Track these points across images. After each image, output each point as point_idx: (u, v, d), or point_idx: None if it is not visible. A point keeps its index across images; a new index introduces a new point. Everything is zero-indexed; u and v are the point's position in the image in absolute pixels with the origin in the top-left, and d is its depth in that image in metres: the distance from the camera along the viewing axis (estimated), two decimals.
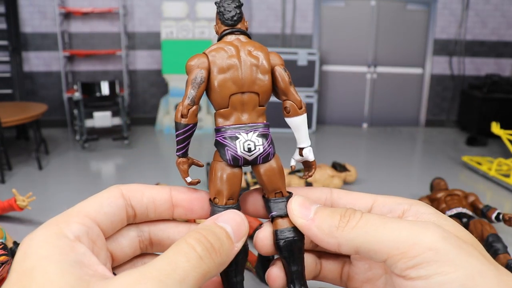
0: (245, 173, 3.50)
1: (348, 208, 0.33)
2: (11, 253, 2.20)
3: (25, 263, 0.26)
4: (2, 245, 2.07)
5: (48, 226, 0.30)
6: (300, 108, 0.46)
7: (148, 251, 0.39)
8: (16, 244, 2.32)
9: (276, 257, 0.42)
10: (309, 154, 0.46)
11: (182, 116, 0.41)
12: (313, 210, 0.34)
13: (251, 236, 2.92)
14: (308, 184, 3.26)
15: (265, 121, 0.45)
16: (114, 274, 0.31)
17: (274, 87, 0.46)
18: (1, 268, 2.01)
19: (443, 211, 2.75)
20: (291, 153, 0.49)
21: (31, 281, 0.25)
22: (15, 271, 0.26)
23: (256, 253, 2.35)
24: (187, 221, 0.41)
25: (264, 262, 2.19)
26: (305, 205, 0.35)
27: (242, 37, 0.44)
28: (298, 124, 0.45)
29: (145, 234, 0.38)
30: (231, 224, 0.30)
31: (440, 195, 2.90)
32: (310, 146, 0.46)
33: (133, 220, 0.37)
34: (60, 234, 0.28)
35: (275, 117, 4.89)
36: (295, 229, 0.40)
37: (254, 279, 2.28)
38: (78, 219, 0.31)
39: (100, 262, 0.30)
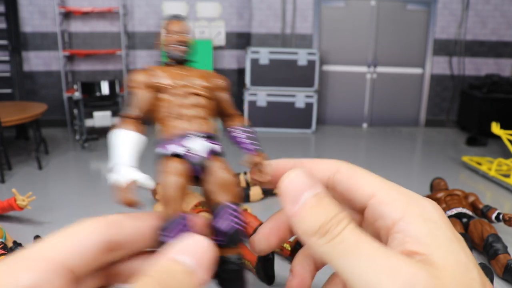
0: (245, 173, 3.50)
1: (338, 213, 0.28)
2: (11, 252, 2.20)
3: None
4: (2, 245, 2.07)
5: (0, 273, 0.25)
6: None
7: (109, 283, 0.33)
8: (16, 244, 2.32)
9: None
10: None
11: None
12: (302, 200, 0.29)
13: (251, 236, 2.89)
14: None
15: None
16: None
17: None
18: None
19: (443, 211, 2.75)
20: (291, 152, 0.49)
21: None
22: None
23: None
24: None
25: (265, 262, 2.19)
26: (300, 188, 0.30)
27: None
28: None
29: (111, 271, 0.32)
30: (191, 253, 0.25)
31: (440, 195, 2.90)
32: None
33: (113, 255, 0.31)
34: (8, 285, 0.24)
35: (275, 117, 4.84)
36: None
37: (254, 279, 2.28)
38: (35, 265, 0.25)
39: None
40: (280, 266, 2.41)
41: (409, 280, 0.25)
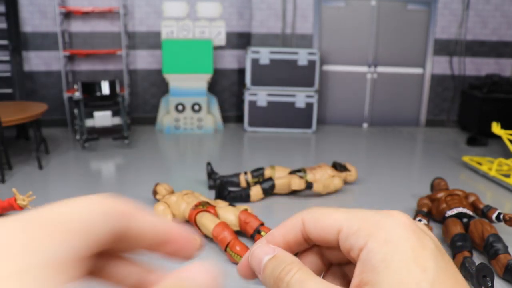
0: (246, 173, 3.50)
1: (287, 265, 0.32)
2: None
3: None
4: None
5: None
6: None
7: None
8: None
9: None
10: None
11: None
12: (262, 265, 0.33)
13: (252, 236, 2.91)
14: (309, 185, 3.26)
15: None
16: None
17: None
18: None
19: (443, 211, 2.75)
20: (292, 152, 0.50)
21: None
22: None
23: None
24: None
25: None
26: (260, 256, 0.34)
27: None
28: None
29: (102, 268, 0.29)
30: (197, 276, 0.25)
31: (440, 195, 2.90)
32: None
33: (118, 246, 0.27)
34: None
35: (276, 117, 4.86)
36: None
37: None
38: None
39: None
40: None
41: None
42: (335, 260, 0.37)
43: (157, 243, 0.28)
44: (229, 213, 2.70)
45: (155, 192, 3.09)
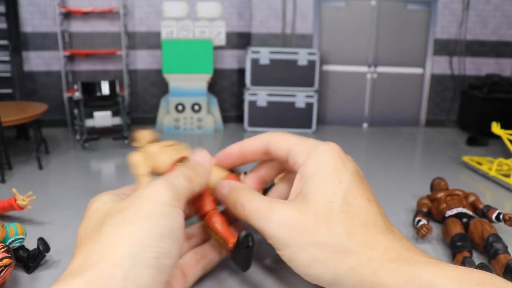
0: (246, 173, 3.50)
1: (237, 193, 0.49)
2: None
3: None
4: (5, 248, 2.06)
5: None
6: None
7: None
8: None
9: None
10: None
11: None
12: (224, 195, 0.51)
13: None
14: None
15: None
16: None
17: None
18: (4, 271, 2.00)
19: (443, 211, 2.75)
20: None
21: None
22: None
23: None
24: None
25: (242, 249, 2.18)
26: (221, 190, 0.53)
27: None
28: None
29: None
30: (200, 157, 0.45)
31: (440, 195, 2.90)
32: None
33: None
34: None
35: (276, 117, 4.87)
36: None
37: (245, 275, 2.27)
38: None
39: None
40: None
41: (278, 219, 0.39)
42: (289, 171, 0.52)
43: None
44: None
45: (134, 140, 3.02)
